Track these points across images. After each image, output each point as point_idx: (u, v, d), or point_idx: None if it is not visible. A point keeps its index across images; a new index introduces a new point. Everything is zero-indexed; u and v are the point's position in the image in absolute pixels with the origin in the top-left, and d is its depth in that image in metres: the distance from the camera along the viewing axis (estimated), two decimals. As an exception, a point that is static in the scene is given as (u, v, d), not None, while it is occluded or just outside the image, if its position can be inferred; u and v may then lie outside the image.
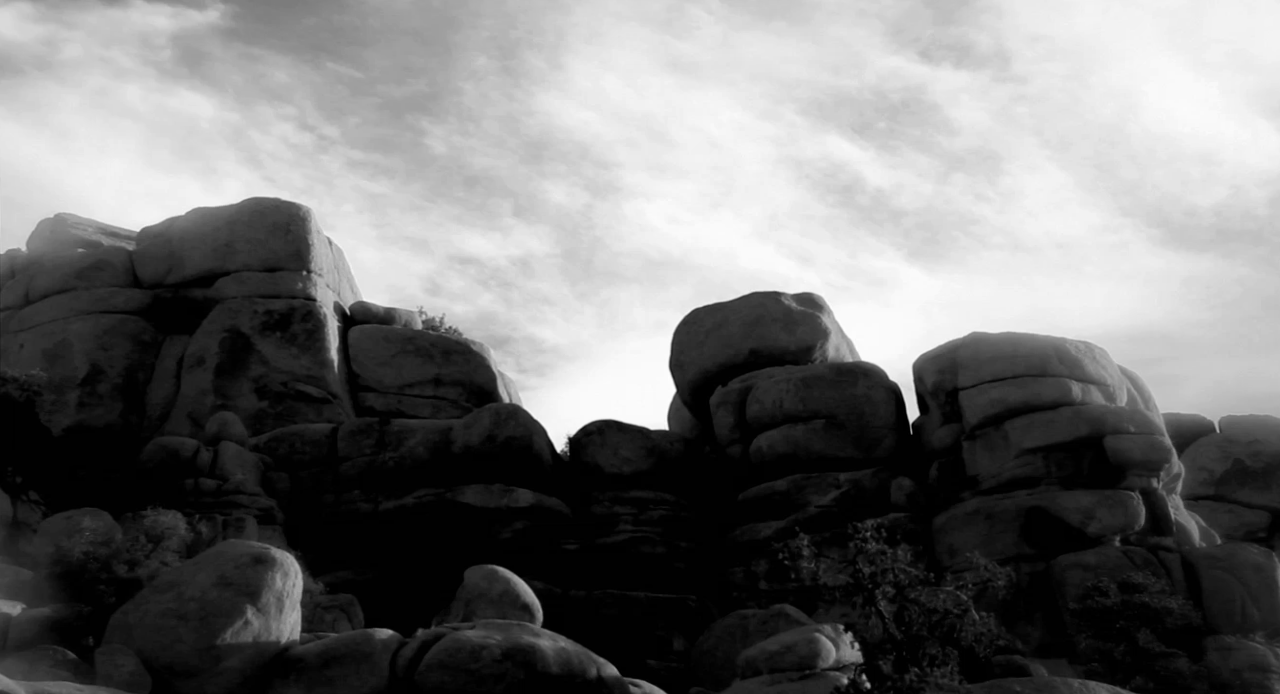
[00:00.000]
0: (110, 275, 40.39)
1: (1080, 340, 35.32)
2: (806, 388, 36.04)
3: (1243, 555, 30.96)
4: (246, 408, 36.22)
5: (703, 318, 40.69)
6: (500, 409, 35.97)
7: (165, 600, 18.26)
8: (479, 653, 18.20)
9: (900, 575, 18.19)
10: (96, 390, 37.02)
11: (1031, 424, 32.85)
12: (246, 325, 38.45)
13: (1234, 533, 37.98)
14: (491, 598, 22.82)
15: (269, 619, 18.49)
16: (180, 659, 17.69)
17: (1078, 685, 18.08)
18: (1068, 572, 29.97)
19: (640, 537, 34.36)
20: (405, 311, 43.31)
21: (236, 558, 18.88)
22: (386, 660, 18.45)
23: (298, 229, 40.98)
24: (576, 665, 18.85)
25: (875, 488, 34.34)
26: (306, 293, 40.02)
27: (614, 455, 36.05)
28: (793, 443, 35.43)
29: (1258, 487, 41.31)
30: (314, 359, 38.46)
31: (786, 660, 21.02)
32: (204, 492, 29.59)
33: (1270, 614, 29.62)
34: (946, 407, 35.23)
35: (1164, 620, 25.31)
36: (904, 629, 17.95)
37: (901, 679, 17.13)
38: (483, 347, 42.80)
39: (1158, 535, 31.54)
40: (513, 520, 33.23)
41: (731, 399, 37.52)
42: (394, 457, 34.29)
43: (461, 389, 40.70)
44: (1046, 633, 29.63)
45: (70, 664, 17.50)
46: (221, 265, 40.16)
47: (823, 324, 39.84)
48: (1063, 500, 31.54)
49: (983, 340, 35.44)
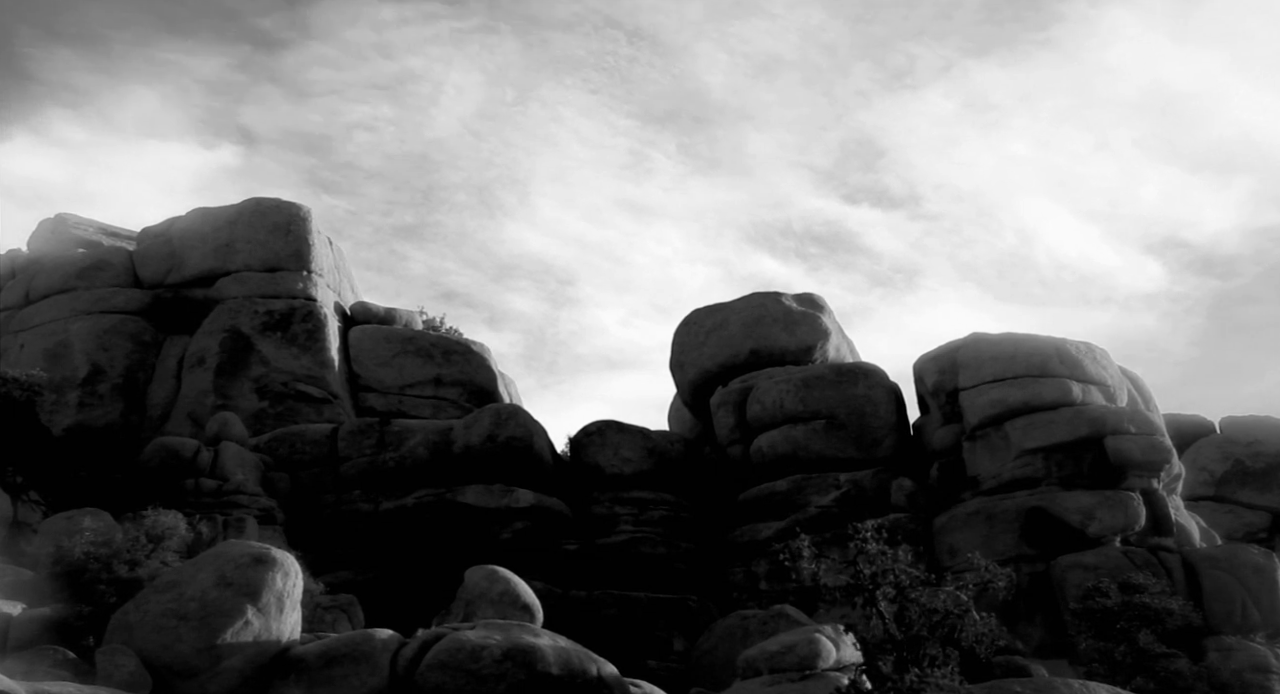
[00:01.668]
0: (110, 275, 40.39)
1: (1080, 341, 35.32)
2: (807, 388, 36.04)
3: (1243, 556, 30.96)
4: (247, 408, 36.21)
5: (703, 318, 40.67)
6: (500, 409, 35.96)
7: (165, 600, 18.24)
8: (479, 653, 18.19)
9: (901, 576, 18.18)
10: (97, 390, 37.01)
11: (1032, 424, 32.84)
12: (247, 325, 38.44)
13: (1234, 533, 38.01)
14: (491, 598, 22.81)
15: (269, 619, 18.48)
16: (180, 659, 17.67)
17: (1078, 686, 18.10)
18: (1068, 572, 29.97)
19: (640, 537, 34.35)
20: (406, 312, 43.29)
21: (237, 558, 18.86)
22: (386, 660, 18.43)
23: (298, 229, 40.98)
24: (577, 666, 18.84)
25: (875, 488, 34.33)
26: (307, 293, 40.02)
27: (614, 456, 36.05)
28: (793, 443, 35.43)
29: (1258, 487, 41.30)
30: (314, 359, 38.46)
31: (787, 661, 21.01)
32: (204, 492, 29.58)
33: (1270, 615, 29.63)
34: (947, 407, 35.23)
35: (1164, 621, 25.29)
36: (904, 630, 17.94)
37: (902, 680, 17.13)
38: (483, 347, 42.77)
39: (1158, 536, 31.55)
40: (513, 521, 33.22)
41: (732, 399, 37.52)
42: (394, 457, 34.28)
43: (462, 389, 40.70)
44: (1047, 633, 29.63)
45: (70, 664, 17.49)
46: (222, 265, 40.16)
47: (823, 324, 39.83)
48: (1063, 501, 31.54)
49: (983, 341, 35.43)
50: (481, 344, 42.89)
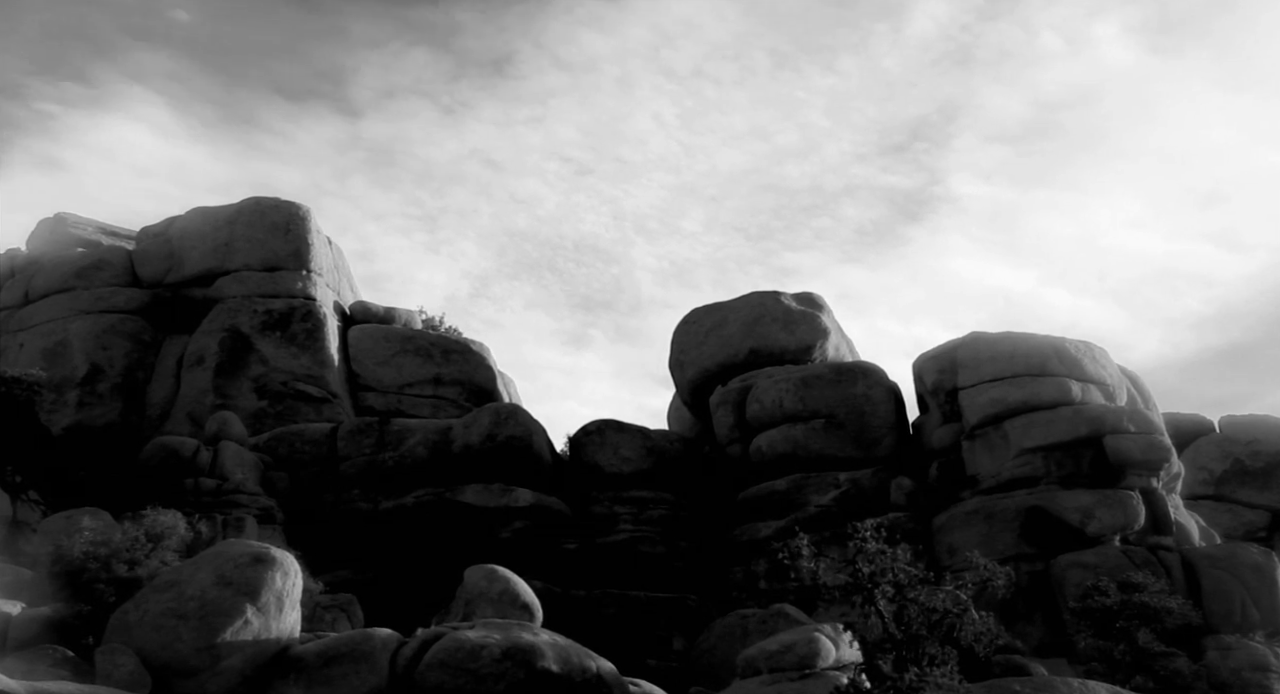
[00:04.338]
0: (110, 275, 40.37)
1: (1080, 340, 35.33)
2: (806, 387, 36.04)
3: (1242, 555, 30.96)
4: (246, 407, 36.20)
5: (702, 317, 40.68)
6: (500, 409, 35.95)
7: (165, 600, 18.24)
8: (479, 652, 18.19)
9: (900, 575, 18.18)
10: (96, 390, 37.00)
11: (1031, 423, 32.84)
12: (246, 325, 38.43)
13: (1233, 532, 37.97)
14: (491, 597, 22.80)
15: (269, 618, 18.48)
16: (180, 658, 17.67)
17: (1077, 685, 18.08)
18: (1067, 571, 29.98)
19: (640, 536, 34.37)
20: (405, 311, 43.26)
21: (236, 557, 18.86)
22: (386, 660, 18.44)
23: (297, 228, 40.97)
24: (576, 665, 18.85)
25: (875, 487, 34.34)
26: (306, 292, 40.00)
27: (614, 455, 36.05)
28: (792, 442, 35.44)
29: (1257, 486, 41.28)
30: (314, 358, 38.45)
31: (786, 660, 21.02)
32: (204, 491, 29.56)
33: (1270, 614, 29.63)
34: (946, 406, 35.23)
35: (1164, 620, 25.30)
36: (903, 629, 17.94)
37: (901, 679, 17.13)
38: (482, 346, 42.76)
39: (1157, 535, 31.55)
40: (512, 520, 33.22)
41: (731, 399, 37.52)
42: (394, 456, 34.28)
43: (461, 388, 40.68)
44: (1046, 632, 29.63)
45: (70, 663, 17.50)
46: (221, 265, 40.15)
47: (822, 323, 39.83)
48: (1062, 500, 31.54)
49: (982, 340, 35.42)
50: (481, 343, 42.87)
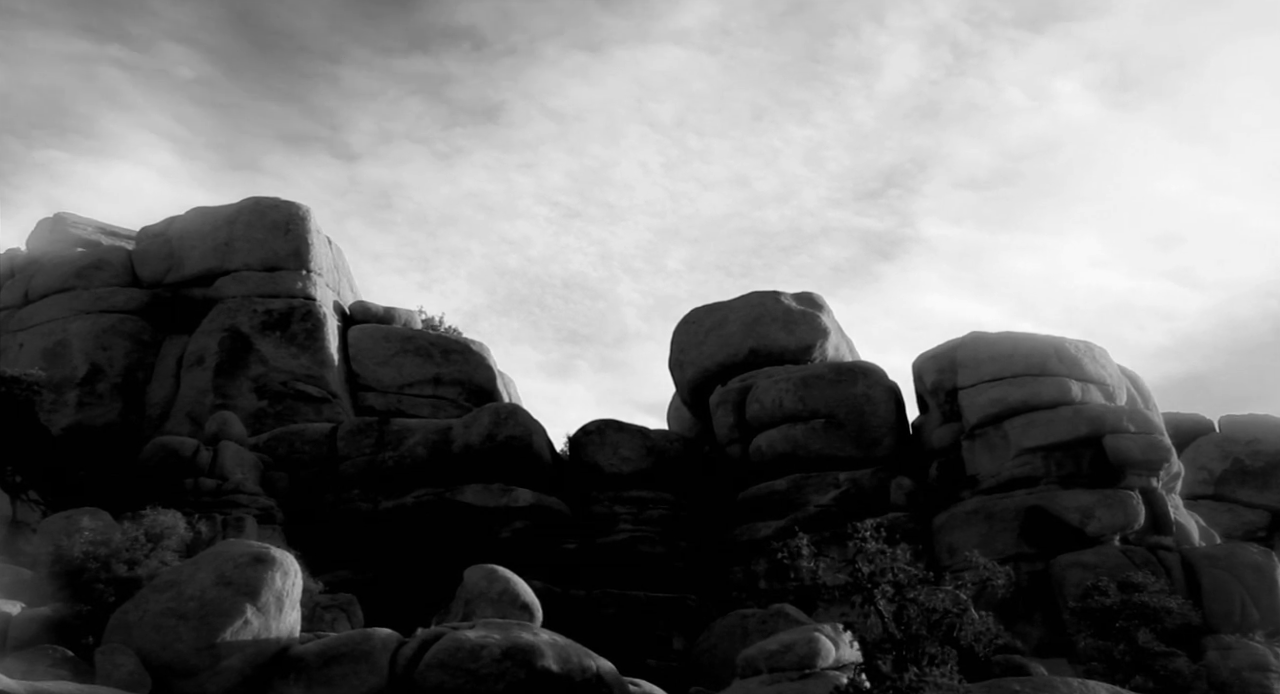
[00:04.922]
0: (109, 275, 40.36)
1: (1080, 340, 35.32)
2: (806, 387, 36.03)
3: (1242, 555, 30.96)
4: (246, 407, 36.19)
5: (702, 317, 40.67)
6: (500, 408, 35.94)
7: (165, 600, 18.25)
8: (478, 652, 18.20)
9: (899, 575, 18.17)
10: (96, 390, 37.00)
11: (1031, 423, 32.84)
12: (246, 325, 38.42)
13: (1233, 532, 37.98)
14: (491, 597, 22.80)
15: (268, 618, 18.49)
16: (180, 658, 17.68)
17: (1077, 685, 18.08)
18: (1067, 571, 29.97)
19: (640, 536, 34.36)
20: (405, 311, 43.25)
21: (236, 557, 18.87)
22: (386, 660, 18.45)
23: (297, 228, 40.96)
24: (576, 664, 18.85)
25: (875, 487, 34.33)
26: (306, 292, 39.99)
27: (613, 455, 36.05)
28: (792, 442, 35.43)
29: (1257, 486, 41.29)
30: (313, 358, 38.44)
31: (786, 660, 21.02)
32: (204, 491, 29.57)
33: (1269, 613, 29.63)
34: (946, 406, 35.23)
35: (1163, 620, 25.30)
36: (903, 628, 17.94)
37: (901, 678, 17.13)
38: (482, 346, 42.74)
39: (1157, 535, 31.55)
40: (512, 520, 33.21)
41: (731, 398, 37.51)
42: (393, 456, 34.28)
43: (461, 388, 40.67)
44: (1046, 632, 29.63)
45: (70, 663, 17.50)
46: (221, 265, 40.14)
47: (822, 323, 39.83)
48: (1062, 500, 31.54)
49: (982, 340, 35.41)
50: (480, 343, 42.85)
